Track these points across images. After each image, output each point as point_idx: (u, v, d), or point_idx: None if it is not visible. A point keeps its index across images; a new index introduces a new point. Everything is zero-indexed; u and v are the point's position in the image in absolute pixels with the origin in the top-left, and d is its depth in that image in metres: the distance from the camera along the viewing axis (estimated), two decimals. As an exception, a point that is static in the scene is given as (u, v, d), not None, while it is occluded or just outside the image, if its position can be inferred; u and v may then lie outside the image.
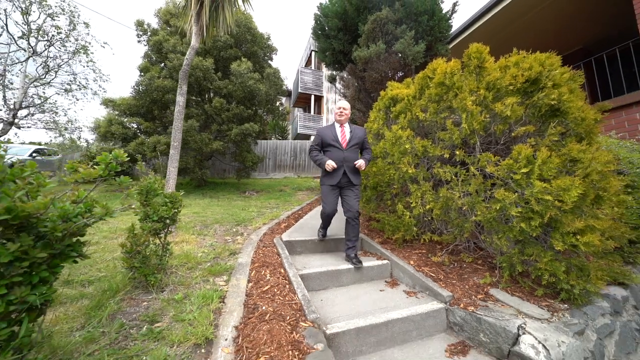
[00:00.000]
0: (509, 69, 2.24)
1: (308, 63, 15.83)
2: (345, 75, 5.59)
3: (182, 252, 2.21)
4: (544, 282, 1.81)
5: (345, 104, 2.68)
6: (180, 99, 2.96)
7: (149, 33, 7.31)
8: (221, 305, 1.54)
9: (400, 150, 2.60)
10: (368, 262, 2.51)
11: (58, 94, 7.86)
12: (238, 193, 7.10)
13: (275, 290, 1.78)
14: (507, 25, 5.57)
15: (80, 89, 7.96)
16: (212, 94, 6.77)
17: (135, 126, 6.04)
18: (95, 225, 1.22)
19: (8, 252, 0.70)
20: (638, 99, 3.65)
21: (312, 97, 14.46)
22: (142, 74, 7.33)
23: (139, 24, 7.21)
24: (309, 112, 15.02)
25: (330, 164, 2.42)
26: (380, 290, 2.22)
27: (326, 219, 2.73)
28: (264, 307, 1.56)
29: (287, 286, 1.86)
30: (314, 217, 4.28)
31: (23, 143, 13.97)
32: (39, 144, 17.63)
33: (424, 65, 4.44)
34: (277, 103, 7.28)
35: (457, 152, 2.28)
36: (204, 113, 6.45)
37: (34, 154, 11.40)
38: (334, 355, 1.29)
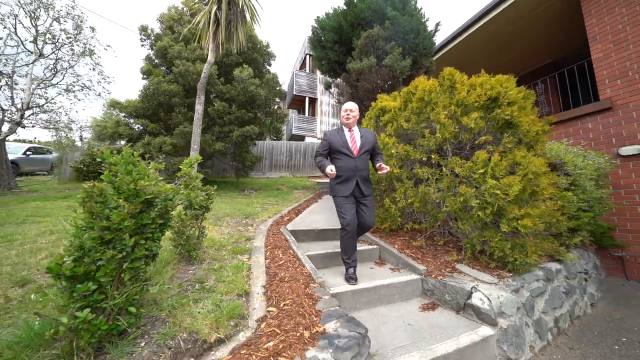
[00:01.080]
0: (475, 89, 2.78)
1: (303, 66, 16.28)
2: (340, 83, 6.10)
3: (207, 237, 2.65)
4: (496, 257, 2.36)
5: (353, 106, 2.47)
6: (199, 108, 3.39)
7: (152, 38, 7.63)
8: (249, 273, 2.00)
9: (388, 154, 3.11)
10: (360, 247, 3.00)
11: (60, 94, 8.05)
12: (238, 191, 7.50)
13: (288, 264, 2.26)
14: (485, 40, 6.20)
15: (82, 89, 8.16)
16: (213, 97, 7.15)
17: (142, 127, 6.35)
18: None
19: (148, 217, 1.14)
20: (589, 112, 4.30)
21: (307, 99, 14.92)
22: (145, 76, 7.66)
23: (143, 29, 7.51)
24: (304, 113, 15.46)
25: (331, 169, 2.18)
26: (370, 268, 2.72)
27: (349, 238, 2.28)
28: (281, 274, 2.03)
29: (297, 262, 2.34)
30: (312, 212, 4.76)
31: (16, 141, 13.85)
32: (31, 142, 17.41)
33: (411, 77, 5.00)
34: (275, 106, 7.70)
35: (433, 156, 2.81)
36: (207, 115, 6.81)
37: (27, 152, 11.43)
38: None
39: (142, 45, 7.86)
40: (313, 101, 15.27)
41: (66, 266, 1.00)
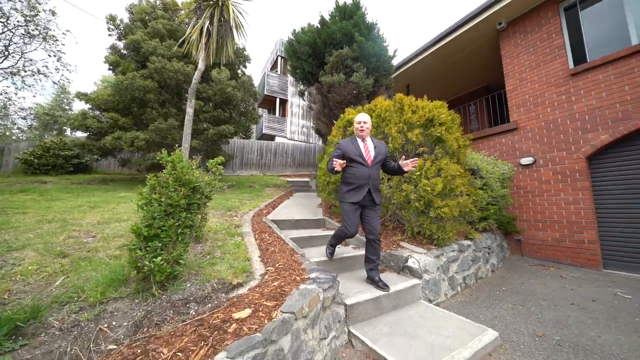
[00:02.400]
0: (417, 111, 3.69)
1: (274, 67, 16.61)
2: (312, 92, 6.78)
3: (205, 223, 3.11)
4: (427, 235, 3.26)
5: (366, 117, 2.54)
6: (190, 110, 3.76)
7: (121, 28, 7.46)
8: (246, 248, 2.56)
9: (353, 157, 3.87)
10: (330, 232, 3.73)
11: (5, 78, 7.35)
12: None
13: (275, 242, 2.86)
14: (435, 64, 7.43)
15: (34, 75, 7.55)
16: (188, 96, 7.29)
17: (112, 121, 6.25)
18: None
19: (194, 198, 1.66)
20: (502, 130, 5.63)
21: (278, 100, 15.32)
22: (111, 67, 7.46)
23: (112, 18, 7.31)
24: (274, 114, 15.82)
25: (338, 161, 2.22)
26: (338, 247, 3.45)
27: (341, 239, 2.60)
28: (271, 249, 2.63)
29: (281, 241, 2.96)
30: (286, 207, 5.37)
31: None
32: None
33: (374, 93, 5.90)
34: (251, 107, 8.08)
35: (387, 161, 3.65)
36: (182, 113, 6.95)
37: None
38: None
39: (110, 35, 7.62)
40: (284, 102, 15.72)
41: (143, 229, 1.51)
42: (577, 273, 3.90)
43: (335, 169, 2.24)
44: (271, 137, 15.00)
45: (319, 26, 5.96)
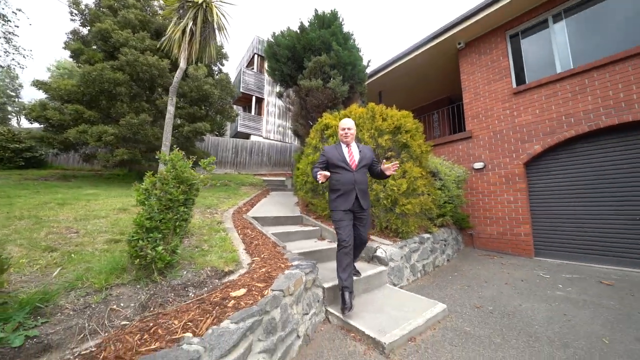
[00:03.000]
0: (386, 119, 4.13)
1: (250, 64, 16.43)
2: (291, 94, 7.01)
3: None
4: (393, 229, 3.70)
5: (350, 123, 2.52)
6: (171, 109, 3.79)
7: (86, 14, 7.01)
8: (231, 242, 2.76)
9: (330, 159, 4.21)
10: (307, 228, 4.02)
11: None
12: (184, 186, 7.57)
13: (258, 237, 3.08)
14: (404, 74, 8.07)
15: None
16: (161, 91, 7.08)
17: (76, 113, 5.87)
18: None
19: (190, 194, 1.84)
20: (459, 138, 6.38)
21: (254, 98, 15.21)
22: (73, 54, 6.99)
23: (75, 2, 6.85)
24: (250, 112, 15.67)
25: (322, 173, 2.20)
26: (314, 242, 3.76)
27: (346, 254, 2.26)
28: (255, 242, 2.85)
29: (263, 236, 3.18)
30: (264, 205, 5.54)
31: None
32: None
33: (349, 99, 6.30)
34: (228, 106, 8.06)
35: (360, 163, 4.04)
36: (155, 108, 6.75)
37: None
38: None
39: (72, 20, 7.13)
40: (260, 101, 15.65)
41: (145, 222, 1.67)
42: (514, 260, 4.65)
43: (320, 181, 2.20)
44: (246, 136, 14.86)
45: (299, 32, 6.21)
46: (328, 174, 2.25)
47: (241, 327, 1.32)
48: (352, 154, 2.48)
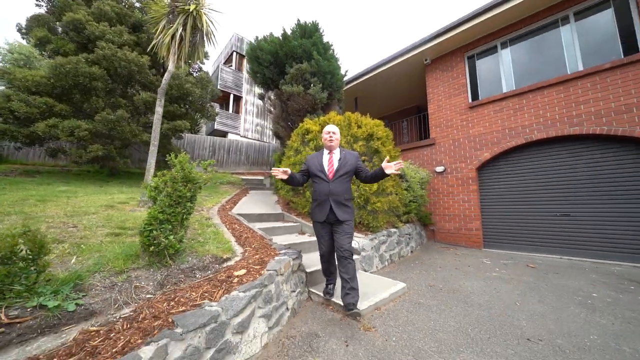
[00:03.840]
0: (361, 127, 4.65)
1: (228, 61, 16.24)
2: (272, 97, 7.30)
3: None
4: (365, 224, 4.23)
5: (335, 128, 2.45)
6: (159, 110, 3.92)
7: (55, 1, 6.68)
8: (223, 235, 3.06)
9: (310, 161, 4.63)
10: (289, 224, 4.41)
11: None
12: (160, 183, 7.51)
13: (246, 231, 3.41)
14: (379, 83, 8.75)
15: None
16: (139, 87, 6.97)
17: (45, 106, 5.62)
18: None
19: (193, 191, 2.14)
20: (424, 144, 7.16)
21: (232, 96, 15.10)
22: (39, 43, 6.64)
23: (43, -11, 6.48)
24: (227, 109, 15.51)
25: (280, 169, 2.25)
26: (296, 236, 4.16)
27: (325, 264, 2.46)
28: (244, 235, 3.19)
29: (250, 230, 3.51)
30: (246, 203, 5.81)
31: None
32: None
33: (327, 105, 6.77)
34: (207, 105, 8.10)
35: (337, 166, 4.52)
36: (132, 104, 6.65)
37: None
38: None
39: (38, 6, 6.76)
40: (238, 99, 15.56)
41: (158, 215, 1.96)
42: (466, 251, 5.45)
43: (277, 176, 2.27)
44: (223, 134, 14.72)
45: (282, 39, 6.53)
46: (287, 170, 2.28)
47: (247, 295, 1.70)
48: (332, 163, 2.38)
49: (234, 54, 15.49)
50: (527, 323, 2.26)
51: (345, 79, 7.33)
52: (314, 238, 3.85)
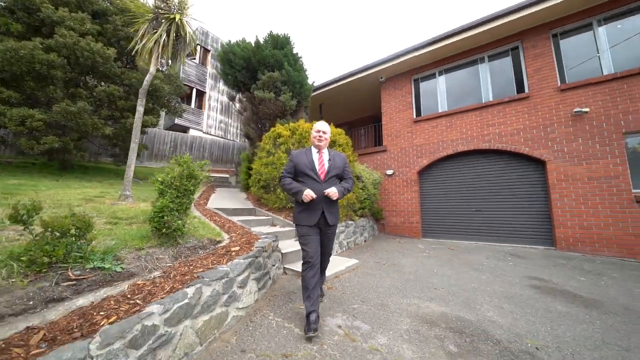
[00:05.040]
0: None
1: (191, 54, 15.69)
2: (243, 99, 7.70)
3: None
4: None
5: (325, 127, 2.30)
6: (140, 109, 4.13)
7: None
8: (209, 224, 3.55)
9: (280, 162, 5.28)
10: (261, 217, 4.99)
11: None
12: (120, 178, 7.30)
13: (226, 222, 3.92)
14: (342, 92, 9.73)
15: None
16: (99, 78, 6.72)
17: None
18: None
19: (195, 185, 2.63)
20: (377, 150, 8.33)
21: (195, 91, 14.69)
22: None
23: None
24: (189, 104, 15.02)
25: (309, 194, 2.03)
26: (269, 227, 4.77)
27: (312, 276, 2.05)
28: (227, 225, 3.71)
29: (231, 222, 4.03)
30: (217, 199, 6.17)
31: None
32: None
33: (296, 111, 7.45)
34: (174, 102, 8.08)
35: (305, 167, 5.27)
36: (92, 96, 6.41)
37: None
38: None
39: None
40: (201, 94, 15.19)
41: (169, 204, 2.45)
42: (407, 240, 6.68)
43: (304, 199, 2.04)
44: (184, 129, 14.26)
45: (255, 47, 7.00)
46: (314, 195, 2.04)
47: (246, 261, 2.33)
48: (323, 162, 2.23)
49: (199, 47, 15.08)
50: (437, 280, 3.30)
51: (313, 88, 8.09)
52: (285, 229, 4.54)
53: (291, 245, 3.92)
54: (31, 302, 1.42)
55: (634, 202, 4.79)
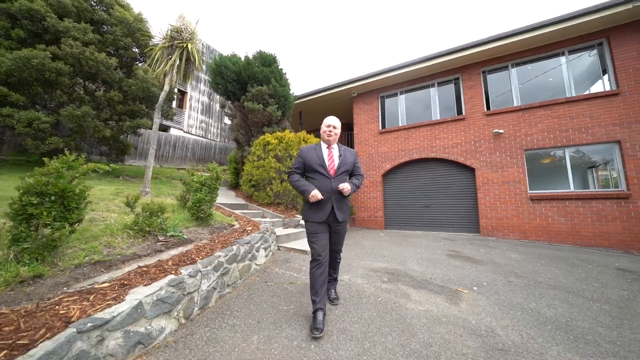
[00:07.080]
0: (307, 142, 6.70)
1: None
2: (232, 107, 8.64)
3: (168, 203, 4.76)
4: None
5: (336, 122, 2.28)
6: (157, 120, 4.99)
7: (-1, -17, 6.41)
8: (219, 214, 4.61)
9: (270, 166, 6.41)
10: (253, 211, 6.10)
11: None
12: (112, 177, 7.85)
13: (232, 214, 5.00)
14: (322, 101, 11.01)
15: None
16: (100, 83, 7.26)
17: (-1, 95, 5.58)
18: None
19: (219, 184, 3.72)
20: (350, 155, 9.76)
21: (176, 91, 14.99)
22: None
23: (-15, -31, 6.17)
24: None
25: (316, 194, 2.04)
26: (260, 219, 5.90)
27: (320, 274, 2.03)
28: (232, 216, 4.80)
29: (233, 213, 5.10)
30: (212, 195, 7.11)
31: None
32: None
33: (281, 120, 8.58)
34: (166, 106, 8.73)
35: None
36: (93, 100, 6.96)
37: None
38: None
39: (-26, -16, 6.32)
40: (182, 94, 15.51)
41: (205, 197, 3.54)
42: (372, 231, 8.17)
43: (310, 199, 2.08)
44: (164, 128, 14.53)
45: (245, 63, 8.00)
46: (321, 196, 2.06)
47: (259, 235, 3.51)
48: (333, 158, 2.23)
49: (180, 48, 15.37)
50: (387, 253, 4.72)
51: (297, 101, 9.26)
52: (273, 219, 5.71)
53: (280, 231, 5.12)
54: (148, 251, 2.49)
55: (529, 200, 6.71)
